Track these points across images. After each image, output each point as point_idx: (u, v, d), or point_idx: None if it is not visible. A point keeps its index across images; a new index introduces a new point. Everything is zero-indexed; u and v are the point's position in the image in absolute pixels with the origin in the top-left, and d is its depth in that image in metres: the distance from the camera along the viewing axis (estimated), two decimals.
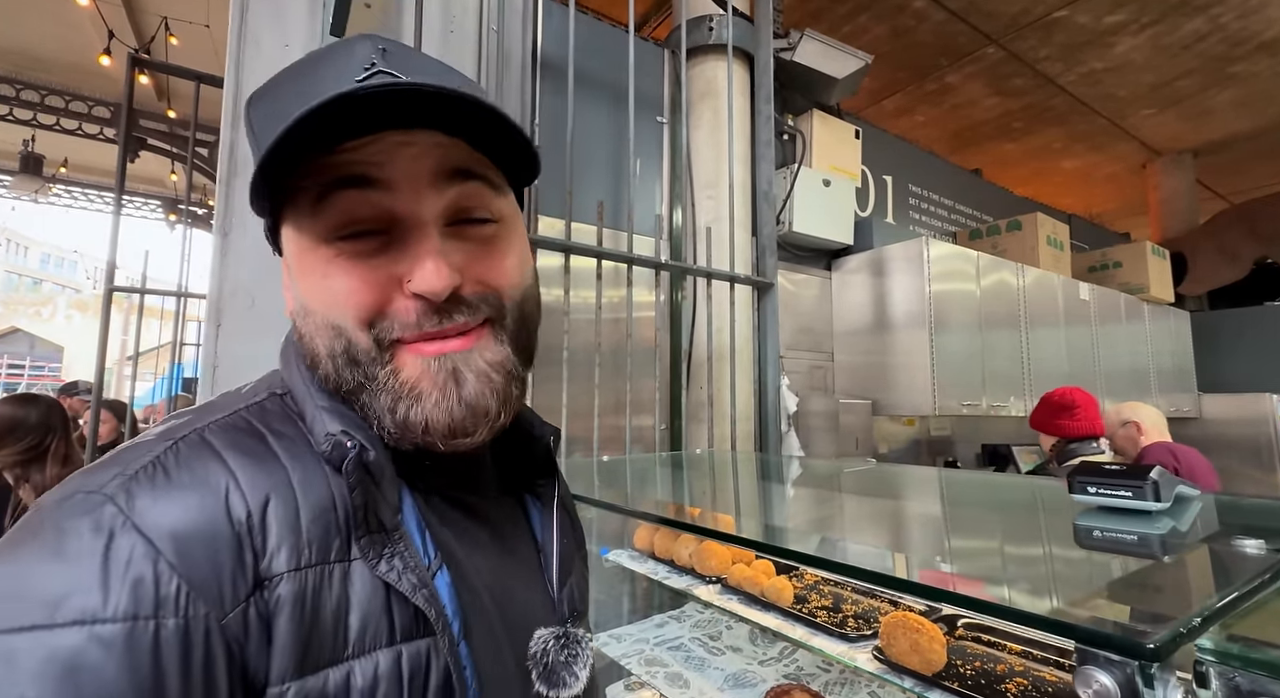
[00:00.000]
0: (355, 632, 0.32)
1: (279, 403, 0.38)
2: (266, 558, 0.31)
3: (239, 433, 0.35)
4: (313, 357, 0.37)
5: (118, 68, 4.10)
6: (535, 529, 0.47)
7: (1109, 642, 0.30)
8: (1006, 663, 0.79)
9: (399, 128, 0.34)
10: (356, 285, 0.35)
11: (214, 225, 1.24)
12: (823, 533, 0.76)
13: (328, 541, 0.33)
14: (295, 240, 0.36)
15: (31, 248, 26.67)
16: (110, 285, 2.10)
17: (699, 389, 2.03)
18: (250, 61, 1.30)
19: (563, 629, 0.41)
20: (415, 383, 0.35)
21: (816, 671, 1.18)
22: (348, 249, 0.35)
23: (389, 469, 0.36)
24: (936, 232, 3.64)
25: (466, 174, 0.36)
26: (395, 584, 0.33)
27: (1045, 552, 0.63)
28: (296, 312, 0.38)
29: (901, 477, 1.35)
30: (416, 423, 0.35)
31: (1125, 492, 0.62)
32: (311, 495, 0.33)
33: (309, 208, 0.35)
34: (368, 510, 0.34)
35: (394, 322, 0.35)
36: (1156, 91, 4.36)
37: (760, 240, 2.13)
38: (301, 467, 0.34)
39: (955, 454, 3.22)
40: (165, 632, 0.27)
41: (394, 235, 0.35)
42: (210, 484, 0.31)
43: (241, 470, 0.32)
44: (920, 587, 0.43)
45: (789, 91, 2.67)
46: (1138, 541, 0.57)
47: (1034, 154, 5.33)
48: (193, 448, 0.33)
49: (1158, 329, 3.99)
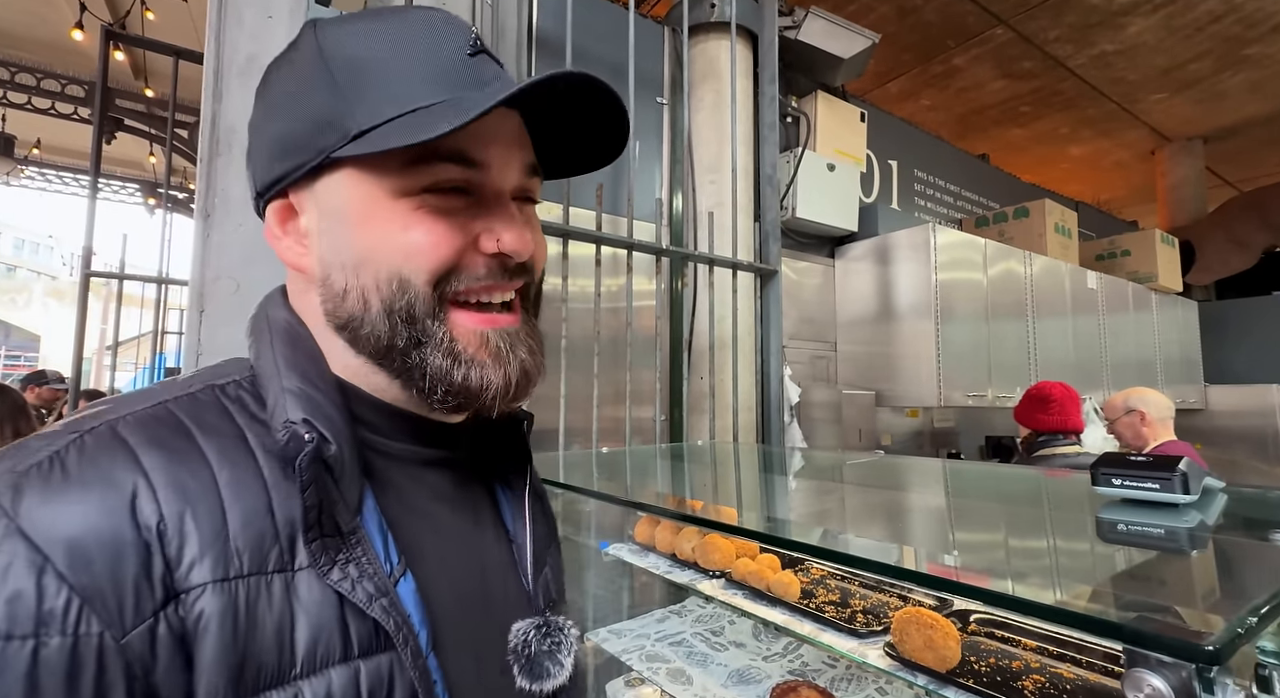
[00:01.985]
0: (304, 648, 0.30)
1: (215, 394, 0.35)
2: (183, 568, 0.28)
3: (159, 427, 0.31)
4: (357, 316, 0.36)
5: (91, 43, 4.00)
6: (506, 519, 0.46)
7: (1162, 643, 0.28)
8: (1022, 659, 0.79)
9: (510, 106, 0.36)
10: (439, 239, 0.35)
11: (195, 208, 1.21)
12: (837, 527, 0.75)
13: (262, 549, 0.30)
14: (365, 186, 0.35)
15: (4, 233, 26.28)
16: (87, 271, 2.06)
17: (700, 379, 2.02)
18: (232, 34, 1.26)
19: (543, 619, 0.40)
20: (474, 352, 0.36)
21: (822, 666, 1.18)
22: (433, 203, 0.35)
23: (352, 464, 0.34)
24: (942, 218, 3.62)
25: (535, 170, 0.40)
26: (349, 594, 0.31)
27: (1070, 546, 0.63)
28: (341, 263, 0.36)
29: (912, 469, 1.34)
30: (478, 387, 0.36)
31: (1152, 484, 0.61)
32: (243, 499, 0.31)
33: (398, 166, 0.35)
34: (321, 512, 0.31)
35: (464, 275, 0.36)
36: (1168, 75, 4.34)
37: (763, 226, 2.11)
38: (231, 466, 0.31)
39: (959, 446, 3.23)
40: (46, 652, 0.24)
41: (476, 198, 0.37)
42: (116, 484, 0.28)
43: (157, 470, 0.29)
44: (952, 584, 0.41)
45: (793, 72, 2.64)
46: (1165, 534, 0.56)
47: (1041, 139, 5.32)
48: (100, 442, 0.29)
49: (1165, 319, 4.01)
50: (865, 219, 2.84)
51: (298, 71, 0.37)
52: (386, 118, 0.34)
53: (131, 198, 7.01)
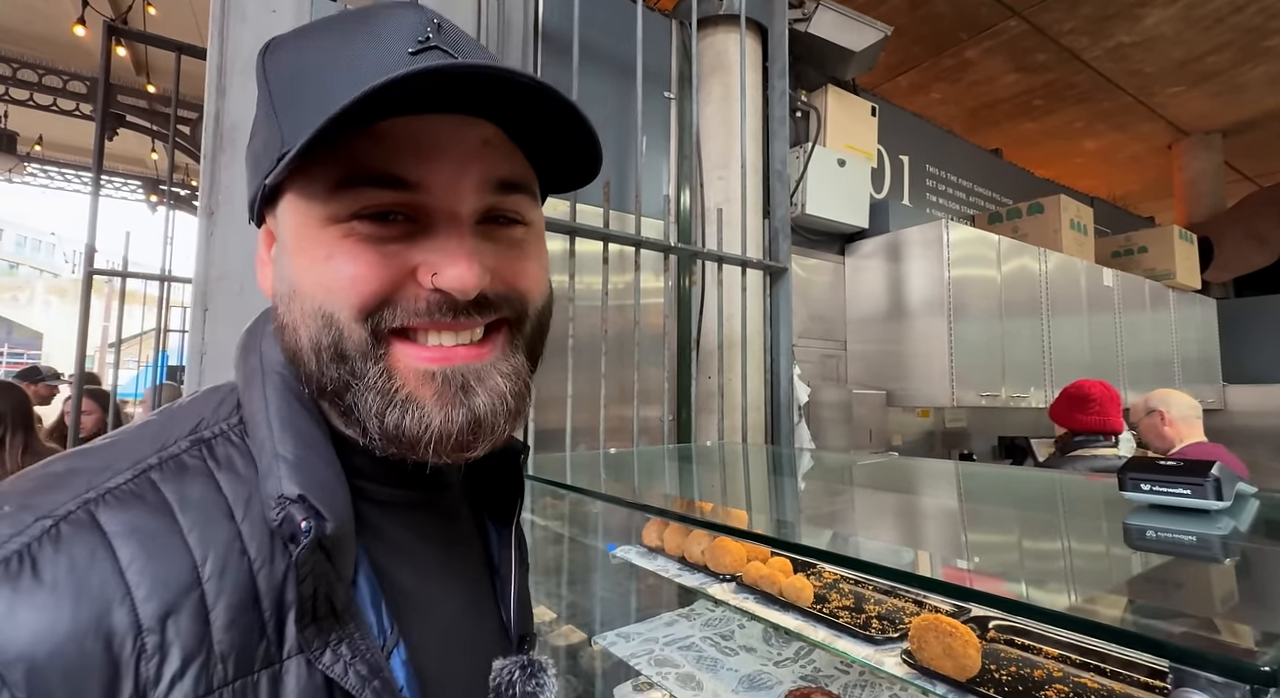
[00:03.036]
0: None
1: (203, 455, 0.32)
2: (160, 688, 0.25)
3: (141, 510, 0.28)
4: (293, 351, 0.33)
5: (93, 38, 4.02)
6: (493, 551, 0.44)
7: (1212, 663, 0.27)
8: (1045, 668, 0.78)
9: (459, 112, 0.32)
10: (364, 271, 0.31)
11: (199, 205, 1.21)
12: (852, 531, 0.74)
13: (250, 648, 0.28)
14: (299, 213, 0.33)
15: (6, 231, 26.50)
16: (90, 268, 2.06)
17: (708, 379, 2.01)
18: (235, 29, 1.25)
19: (526, 658, 0.39)
20: (413, 392, 0.32)
21: (835, 672, 1.17)
22: (363, 230, 0.31)
23: (348, 536, 0.31)
24: (955, 214, 3.60)
25: (510, 187, 0.34)
26: (340, 680, 0.29)
27: (1098, 553, 0.61)
28: (281, 294, 0.34)
29: (926, 471, 1.33)
30: (413, 435, 0.31)
31: (1183, 489, 0.60)
32: (227, 589, 0.28)
33: (324, 191, 0.31)
34: (316, 599, 0.29)
35: (399, 309, 0.32)
36: (1186, 67, 4.29)
37: (773, 223, 2.10)
38: (216, 554, 0.28)
39: (971, 447, 3.21)
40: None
41: (421, 224, 0.32)
42: (89, 589, 0.25)
43: (134, 568, 0.26)
44: (984, 595, 0.40)
45: (802, 65, 2.62)
46: (1197, 542, 0.55)
47: (1055, 134, 5.27)
48: (77, 533, 0.26)
49: (1183, 317, 3.97)
50: (876, 215, 2.82)
51: (259, 95, 0.35)
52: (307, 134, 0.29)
53: (134, 194, 7.04)
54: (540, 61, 1.77)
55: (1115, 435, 1.95)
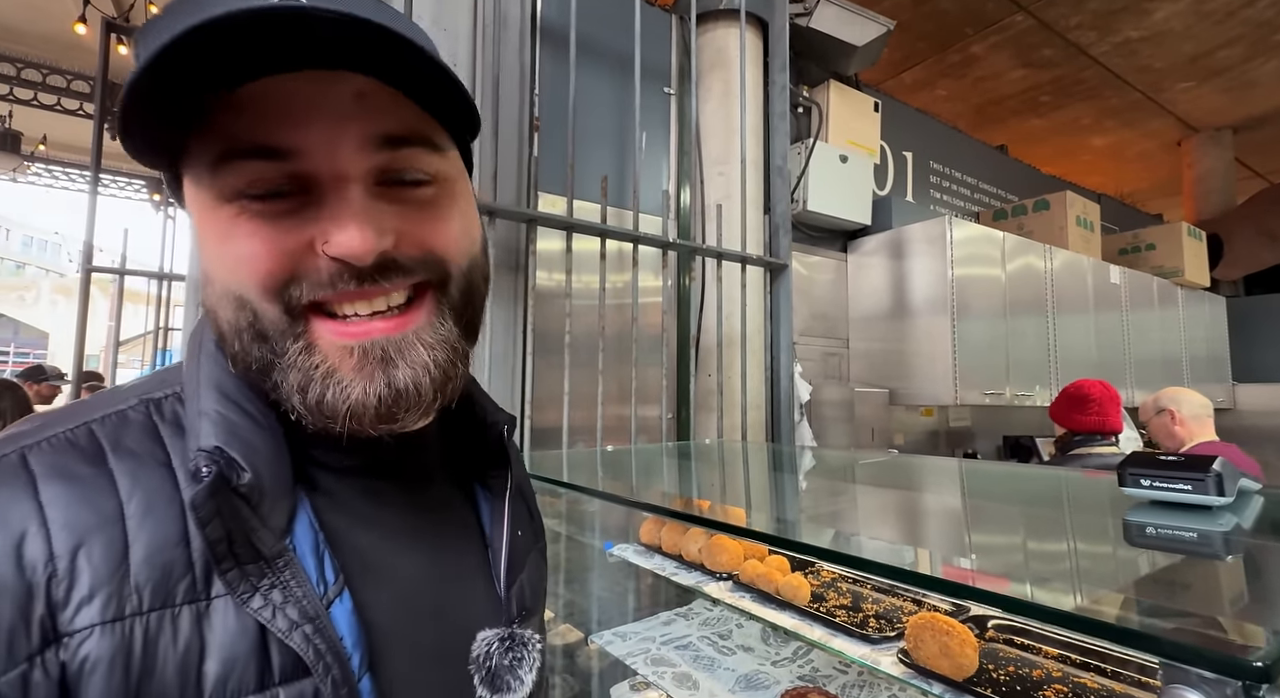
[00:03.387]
0: (213, 681, 0.28)
1: (148, 410, 0.34)
2: (69, 610, 0.27)
3: (72, 454, 0.30)
4: (219, 334, 0.33)
5: (94, 37, 4.04)
6: (484, 523, 0.44)
7: (1204, 658, 0.27)
8: (1044, 668, 0.76)
9: (318, 67, 0.29)
10: (260, 250, 0.30)
11: None
12: (851, 529, 0.73)
13: (169, 582, 0.29)
14: (193, 198, 0.32)
15: (12, 231, 26.72)
16: (89, 266, 2.07)
17: (708, 377, 2.00)
18: None
19: (508, 631, 0.39)
20: (334, 365, 0.32)
21: (833, 672, 1.16)
22: (252, 208, 0.30)
23: (277, 487, 0.32)
24: (959, 211, 3.57)
25: (398, 141, 0.32)
26: (268, 623, 0.30)
27: (1096, 550, 0.60)
28: (200, 281, 0.34)
29: (927, 469, 1.32)
30: (333, 408, 0.31)
31: (1184, 485, 0.59)
32: (150, 530, 0.29)
33: (207, 167, 0.30)
34: (232, 542, 0.30)
35: (304, 283, 0.31)
36: (1196, 63, 4.24)
37: (774, 219, 2.09)
38: (144, 495, 0.30)
39: (975, 446, 3.19)
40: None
41: (312, 194, 0.31)
42: (9, 522, 0.27)
43: (55, 504, 0.28)
44: (976, 591, 0.40)
45: (804, 61, 2.60)
46: (1199, 539, 0.53)
47: (1061, 130, 5.23)
48: (6, 474, 0.29)
49: (1192, 315, 3.93)
50: (879, 212, 2.80)
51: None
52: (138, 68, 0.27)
53: (138, 194, 7.08)
54: (538, 56, 1.77)
55: (1115, 435, 1.93)
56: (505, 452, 0.45)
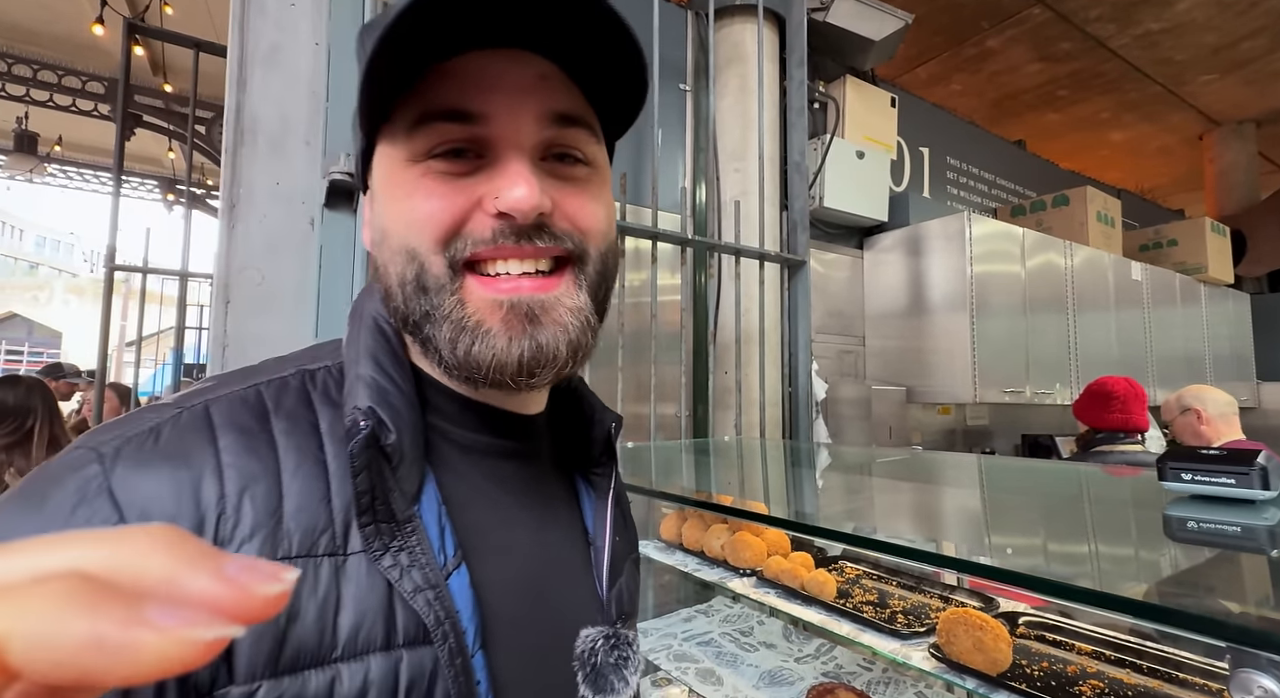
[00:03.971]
0: (346, 632, 0.30)
1: (304, 379, 0.37)
2: (232, 546, 0.30)
3: (244, 410, 0.34)
4: (386, 290, 0.37)
5: (111, 38, 4.09)
6: (587, 520, 0.45)
7: (1273, 642, 0.27)
8: (1077, 664, 0.77)
9: (505, 46, 0.34)
10: (438, 204, 0.34)
11: (220, 198, 1.23)
12: (882, 523, 0.73)
13: (314, 534, 0.31)
14: (386, 161, 0.36)
15: (27, 231, 27.14)
16: (111, 265, 2.11)
17: (725, 374, 2.00)
18: (255, 23, 1.27)
19: (612, 630, 0.39)
20: (483, 319, 0.34)
21: (857, 669, 1.16)
22: (436, 168, 0.35)
23: (412, 453, 0.34)
24: (976, 207, 3.55)
25: (568, 120, 0.36)
26: (396, 583, 0.32)
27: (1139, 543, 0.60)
28: (375, 241, 0.38)
29: (950, 464, 1.32)
30: (479, 359, 0.34)
31: (1227, 479, 0.59)
32: (300, 484, 0.32)
33: (404, 131, 0.35)
34: (374, 497, 0.32)
35: (468, 239, 0.34)
36: (1219, 54, 4.19)
37: (791, 215, 2.09)
38: (297, 453, 0.33)
39: (993, 445, 3.18)
40: None
41: (488, 159, 0.35)
42: (191, 462, 0.31)
43: (228, 451, 0.32)
44: (1033, 579, 0.40)
45: (820, 56, 2.60)
46: (1243, 533, 0.54)
47: (1080, 124, 5.17)
48: (193, 420, 0.33)
49: (1215, 312, 3.88)
50: (896, 208, 2.79)
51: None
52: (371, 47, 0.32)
53: (150, 194, 7.18)
54: None
55: (1141, 433, 1.91)
56: (612, 450, 0.46)
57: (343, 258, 1.20)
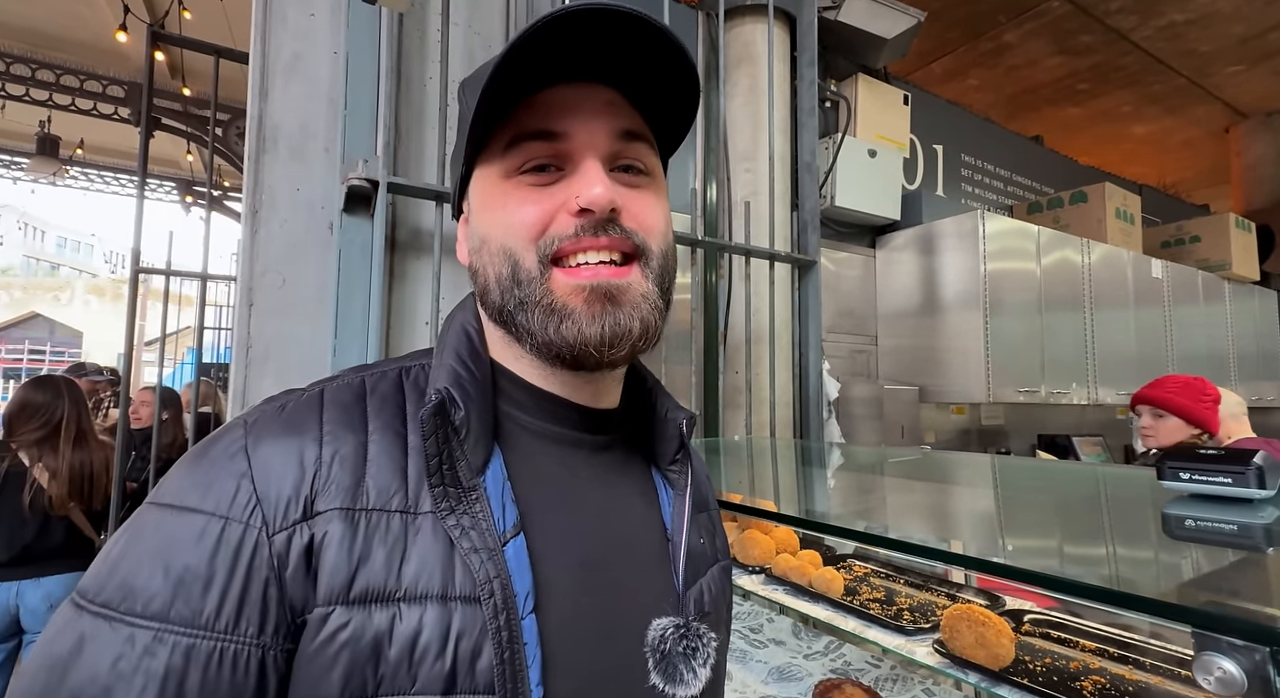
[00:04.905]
0: (409, 578, 0.35)
1: (399, 374, 0.44)
2: (324, 497, 0.36)
3: (348, 392, 0.42)
4: (484, 290, 0.44)
5: (133, 45, 4.20)
6: (665, 516, 0.47)
7: (1234, 626, 0.29)
8: (1080, 660, 0.78)
9: (582, 81, 0.42)
10: (530, 209, 0.41)
11: (243, 205, 1.28)
12: (889, 522, 0.76)
13: (388, 492, 0.37)
14: (483, 181, 0.44)
15: (48, 232, 27.81)
16: (136, 267, 2.18)
17: (735, 374, 2.03)
18: (276, 33, 1.32)
19: (684, 621, 0.41)
20: (567, 301, 0.40)
21: (866, 665, 1.19)
22: (527, 180, 0.42)
23: (480, 429, 0.40)
24: (992, 205, 3.53)
25: (631, 135, 0.43)
26: (457, 540, 0.36)
27: (1134, 540, 0.62)
28: (474, 249, 0.45)
29: (960, 464, 1.33)
30: (566, 336, 0.40)
31: (1224, 478, 0.60)
32: (383, 455, 0.39)
33: (499, 153, 0.42)
34: (442, 463, 0.38)
35: (554, 237, 0.41)
36: (1246, 44, 4.11)
37: (802, 215, 2.10)
38: (382, 429, 0.40)
39: (1008, 445, 3.16)
40: (230, 530, 0.35)
41: (566, 171, 0.42)
42: (304, 430, 0.38)
43: (329, 424, 0.39)
44: (1011, 568, 0.42)
45: (832, 54, 2.60)
46: (1238, 531, 0.55)
47: (1100, 119, 5.11)
48: (310, 400, 0.41)
49: (1240, 310, 3.82)
50: (908, 207, 2.79)
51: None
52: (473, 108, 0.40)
53: (169, 196, 7.33)
54: None
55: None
56: (685, 446, 0.48)
57: (360, 261, 1.24)
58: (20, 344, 16.67)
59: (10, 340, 16.76)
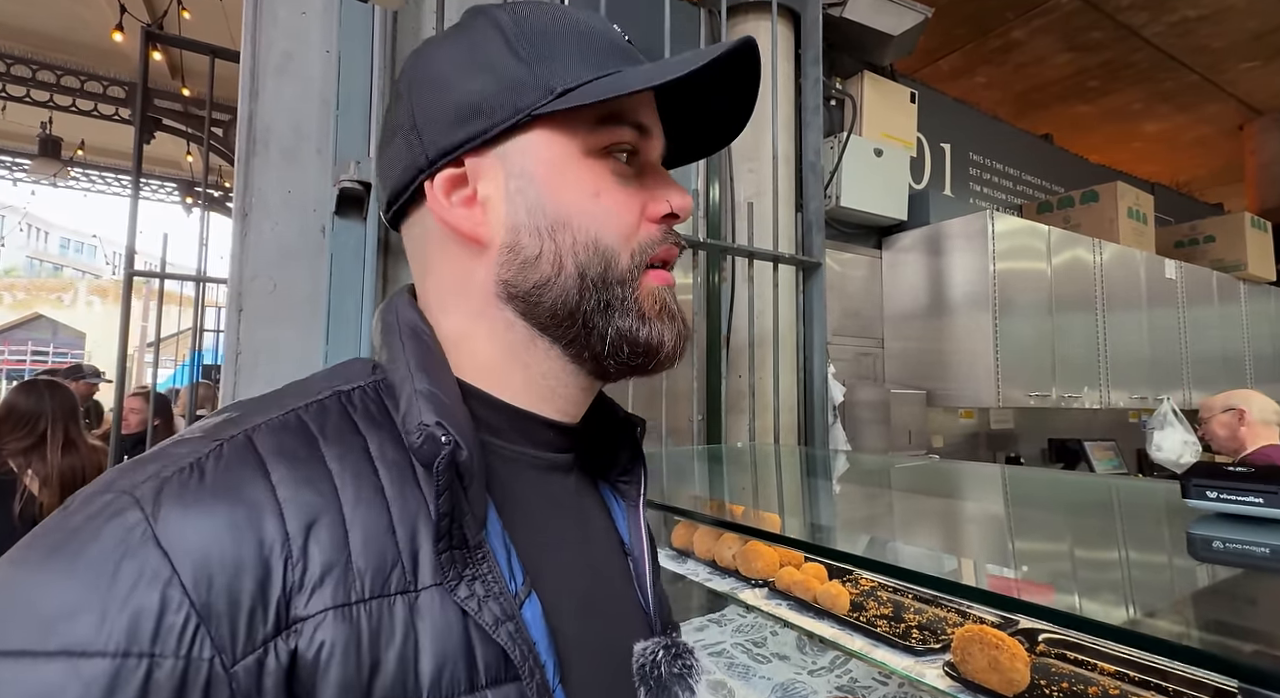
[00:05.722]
0: (429, 677, 0.29)
1: (341, 402, 0.35)
2: (304, 594, 0.27)
3: (289, 437, 0.31)
4: (546, 280, 0.37)
5: (130, 44, 4.20)
6: (621, 530, 0.44)
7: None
8: (1099, 685, 0.75)
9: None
10: (626, 206, 0.39)
11: (233, 207, 1.26)
12: (892, 536, 0.73)
13: (384, 570, 0.29)
14: (556, 146, 0.38)
15: (51, 233, 28.01)
16: (130, 270, 2.17)
17: (739, 378, 2.00)
18: (267, 32, 1.30)
19: (669, 640, 0.39)
20: (651, 309, 0.39)
21: (873, 683, 1.16)
22: (616, 168, 0.39)
23: (479, 473, 0.33)
24: (1001, 204, 3.49)
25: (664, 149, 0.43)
26: (475, 614, 0.30)
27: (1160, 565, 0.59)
28: (535, 227, 0.37)
29: (969, 475, 1.30)
30: (657, 344, 0.38)
31: (1255, 498, 0.57)
32: (364, 515, 0.30)
33: (588, 125, 0.38)
34: (453, 521, 0.30)
35: (644, 242, 0.39)
36: (1261, 40, 4.06)
37: (806, 216, 2.07)
38: (354, 479, 0.31)
39: (1019, 450, 3.12)
40: (159, 674, 0.23)
41: (639, 167, 0.40)
42: (244, 498, 0.28)
43: (284, 484, 0.29)
44: (1034, 607, 0.39)
45: (837, 52, 2.57)
46: (1270, 555, 0.52)
47: (1111, 116, 5.05)
48: (236, 452, 0.30)
49: (1256, 311, 3.77)
50: (915, 207, 2.76)
51: (477, 44, 0.38)
52: (586, 79, 0.36)
53: (170, 197, 7.36)
54: None
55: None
56: (640, 455, 0.46)
57: (353, 266, 1.22)
58: (23, 345, 16.77)
59: (13, 342, 16.87)
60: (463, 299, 0.39)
